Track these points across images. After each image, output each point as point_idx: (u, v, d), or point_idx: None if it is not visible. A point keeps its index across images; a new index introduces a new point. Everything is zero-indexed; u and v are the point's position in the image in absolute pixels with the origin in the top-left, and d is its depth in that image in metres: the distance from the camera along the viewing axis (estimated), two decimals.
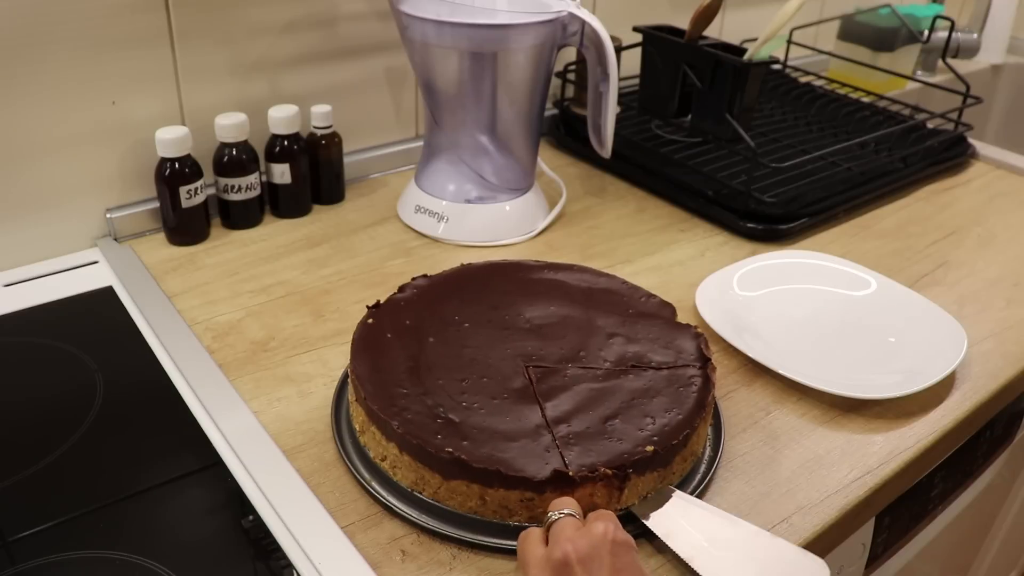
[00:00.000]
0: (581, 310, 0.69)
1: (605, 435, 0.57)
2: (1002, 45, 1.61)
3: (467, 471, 0.54)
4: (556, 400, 0.60)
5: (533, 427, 0.57)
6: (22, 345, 0.74)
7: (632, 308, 0.70)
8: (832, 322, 0.78)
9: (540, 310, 0.69)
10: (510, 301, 0.70)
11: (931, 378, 0.69)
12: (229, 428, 0.64)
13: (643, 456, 0.55)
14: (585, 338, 0.66)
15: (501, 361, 0.63)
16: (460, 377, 0.61)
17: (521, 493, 0.54)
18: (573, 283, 0.73)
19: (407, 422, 0.57)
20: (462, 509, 0.56)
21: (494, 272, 0.74)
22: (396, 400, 0.59)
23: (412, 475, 0.57)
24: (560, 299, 0.71)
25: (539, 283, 0.73)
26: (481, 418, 0.58)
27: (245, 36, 0.90)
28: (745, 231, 0.94)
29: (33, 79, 0.79)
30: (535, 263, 0.75)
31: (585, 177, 1.08)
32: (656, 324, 0.68)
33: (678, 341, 0.66)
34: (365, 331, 0.66)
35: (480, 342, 0.65)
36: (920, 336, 0.75)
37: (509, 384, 0.61)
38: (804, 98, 1.26)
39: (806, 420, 0.68)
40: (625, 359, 0.64)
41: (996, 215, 1.02)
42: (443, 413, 0.58)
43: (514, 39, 0.87)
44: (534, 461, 0.54)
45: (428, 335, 0.65)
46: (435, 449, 0.55)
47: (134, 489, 0.59)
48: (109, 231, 0.88)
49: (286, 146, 0.91)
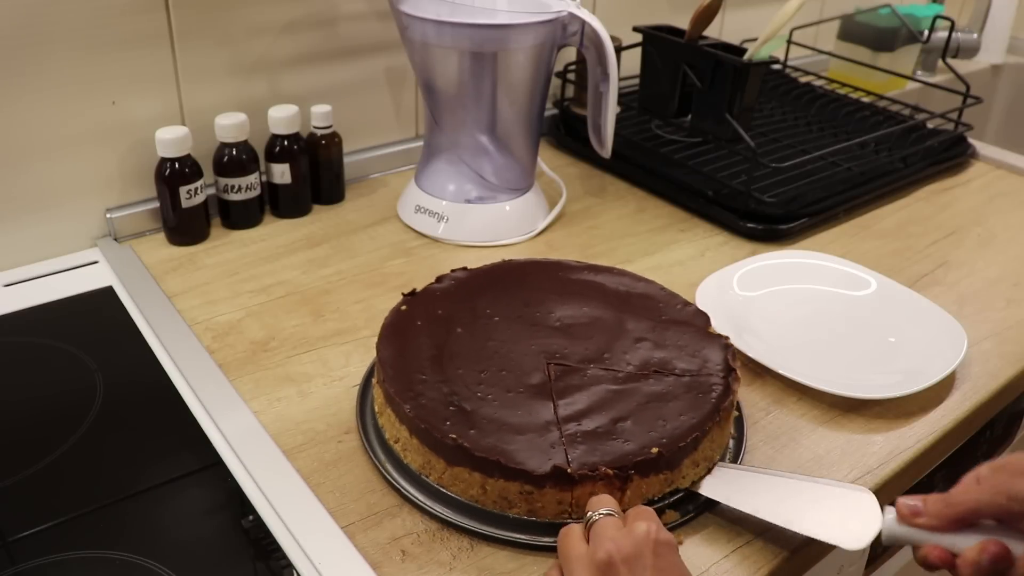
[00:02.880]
0: (613, 313, 0.69)
1: (613, 435, 0.57)
2: (1002, 45, 1.61)
3: (469, 459, 0.55)
4: (570, 398, 0.60)
5: (543, 423, 0.58)
6: (22, 345, 0.74)
7: (665, 315, 0.69)
8: (832, 322, 0.78)
9: (572, 310, 0.69)
10: (543, 299, 0.70)
11: (931, 378, 0.69)
12: (229, 428, 0.64)
13: (647, 458, 0.55)
14: (612, 340, 0.66)
15: (523, 356, 0.64)
16: (480, 368, 0.62)
17: (520, 485, 0.54)
18: (611, 286, 0.73)
19: (420, 407, 0.58)
20: (464, 496, 0.57)
21: (534, 269, 0.74)
22: (414, 385, 0.60)
23: (420, 458, 0.58)
24: (595, 300, 0.71)
25: (576, 283, 0.73)
26: (493, 409, 0.58)
27: (245, 36, 0.90)
28: (745, 231, 0.94)
29: (33, 79, 0.79)
30: (576, 263, 0.76)
31: (585, 177, 1.08)
32: (687, 332, 0.67)
33: (706, 351, 0.65)
34: (396, 317, 0.67)
35: (506, 336, 0.66)
36: (920, 336, 0.75)
37: (527, 379, 0.62)
38: (804, 98, 1.26)
39: (806, 420, 0.68)
40: (649, 364, 0.64)
41: (996, 215, 1.02)
42: (457, 401, 0.59)
43: (514, 39, 0.87)
44: (537, 456, 0.55)
45: (457, 325, 0.66)
46: (441, 435, 0.56)
47: (134, 489, 0.59)
48: (109, 231, 0.88)
49: (286, 146, 0.91)
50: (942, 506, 0.51)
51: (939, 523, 0.51)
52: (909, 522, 0.52)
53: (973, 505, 0.50)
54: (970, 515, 0.50)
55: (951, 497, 0.51)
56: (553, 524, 0.54)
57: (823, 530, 0.54)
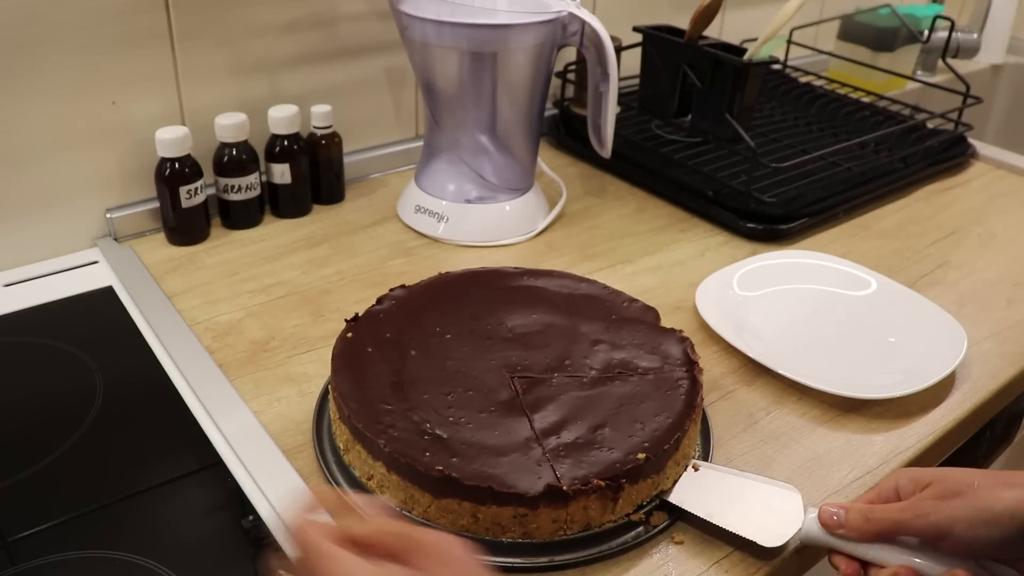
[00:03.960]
0: (564, 317, 0.68)
1: (595, 445, 0.56)
2: (1002, 45, 1.61)
3: (458, 489, 0.52)
4: (544, 411, 0.58)
5: (523, 440, 0.56)
6: (22, 345, 0.74)
7: (615, 313, 0.69)
8: (832, 322, 0.78)
9: (522, 318, 0.68)
10: (491, 310, 0.68)
11: (931, 378, 0.69)
12: (229, 428, 0.64)
13: (635, 464, 0.54)
14: (569, 346, 0.65)
15: (486, 373, 0.62)
16: (445, 391, 0.60)
17: (514, 509, 0.52)
18: (554, 289, 0.72)
19: (394, 440, 0.55)
20: (453, 527, 0.54)
21: (473, 280, 0.72)
22: (381, 417, 0.57)
23: (401, 494, 0.55)
24: (542, 306, 0.69)
25: (519, 291, 0.71)
26: (469, 433, 0.56)
27: (245, 36, 0.90)
28: (745, 231, 0.94)
29: (33, 79, 0.79)
30: (514, 270, 0.74)
31: (585, 177, 1.08)
32: (640, 329, 0.67)
33: (664, 346, 0.65)
34: (345, 346, 0.63)
35: (463, 354, 0.63)
36: (920, 336, 0.75)
37: (495, 396, 0.60)
38: (804, 98, 1.26)
39: (806, 420, 0.68)
40: (611, 366, 0.63)
41: (996, 215, 1.02)
42: (430, 429, 0.56)
43: (514, 39, 0.87)
44: (526, 476, 0.53)
45: (410, 348, 0.64)
46: (424, 467, 0.53)
47: (134, 489, 0.59)
48: (109, 231, 0.88)
49: (286, 146, 0.91)
50: (861, 521, 0.52)
51: (857, 537, 0.52)
52: (831, 531, 0.53)
53: (892, 526, 0.51)
54: (888, 534, 0.52)
55: (872, 512, 0.52)
56: (548, 544, 0.54)
57: (744, 526, 0.55)
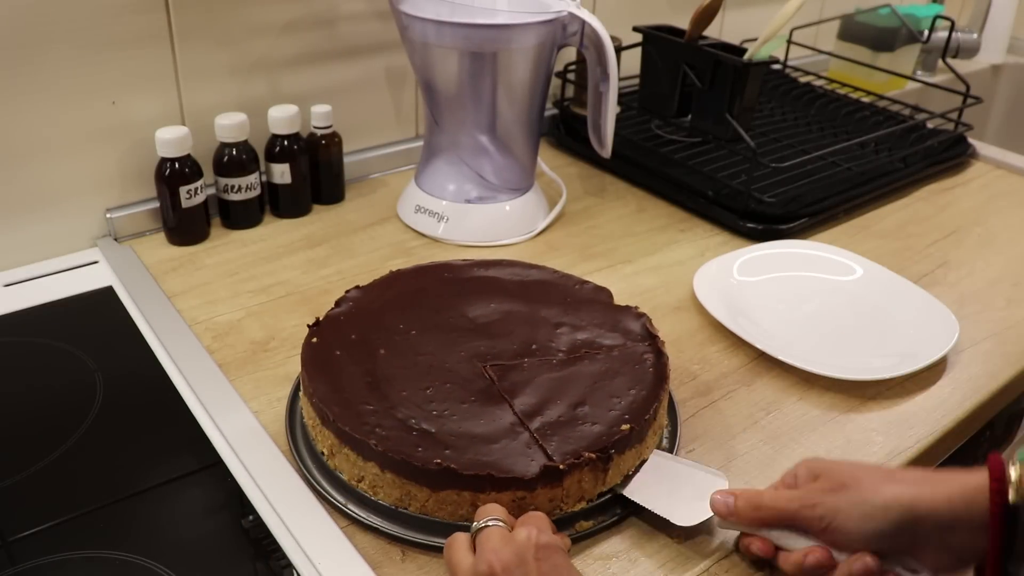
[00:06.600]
0: (521, 304, 0.70)
1: (579, 420, 0.58)
2: (1002, 45, 1.61)
3: (457, 480, 0.53)
4: (522, 395, 0.60)
5: (508, 425, 0.57)
6: (22, 345, 0.74)
7: (570, 296, 0.71)
8: (833, 310, 0.81)
9: (481, 308, 0.69)
10: (450, 303, 0.69)
11: (925, 359, 0.72)
12: (229, 428, 0.64)
13: (622, 435, 0.56)
14: (533, 331, 0.67)
15: (458, 364, 0.63)
16: (423, 386, 0.60)
17: (513, 493, 0.54)
18: (506, 278, 0.73)
19: (384, 439, 0.55)
20: (452, 519, 0.55)
21: (425, 275, 0.73)
22: (366, 418, 0.57)
23: (396, 492, 0.55)
24: (498, 295, 0.71)
25: (473, 282, 0.73)
26: (456, 424, 0.57)
27: (245, 36, 0.90)
28: (745, 231, 0.94)
29: (33, 79, 0.79)
30: (463, 262, 0.75)
31: (585, 177, 1.08)
32: (597, 309, 0.70)
33: (623, 323, 0.68)
34: (312, 351, 0.63)
35: (432, 348, 0.64)
36: (916, 321, 0.78)
37: (472, 386, 0.61)
38: (804, 98, 1.26)
39: (806, 420, 0.68)
40: (577, 346, 0.65)
41: (996, 215, 1.02)
42: (417, 424, 0.57)
43: (514, 39, 0.87)
44: (519, 459, 0.55)
45: (378, 347, 0.64)
46: (421, 462, 0.53)
47: (134, 489, 0.59)
48: (109, 231, 0.88)
49: (286, 146, 0.91)
50: (750, 509, 0.53)
51: (747, 524, 0.53)
52: (722, 518, 0.54)
53: (779, 514, 0.52)
54: (776, 522, 0.52)
55: (762, 500, 0.53)
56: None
57: (662, 505, 0.56)
